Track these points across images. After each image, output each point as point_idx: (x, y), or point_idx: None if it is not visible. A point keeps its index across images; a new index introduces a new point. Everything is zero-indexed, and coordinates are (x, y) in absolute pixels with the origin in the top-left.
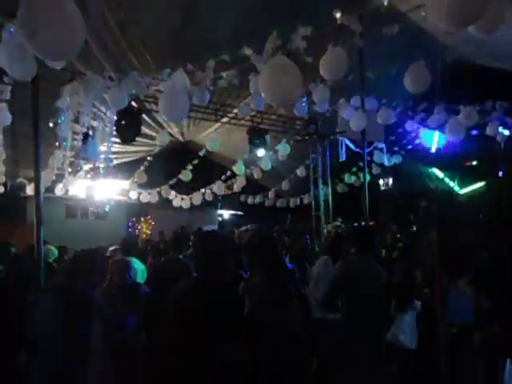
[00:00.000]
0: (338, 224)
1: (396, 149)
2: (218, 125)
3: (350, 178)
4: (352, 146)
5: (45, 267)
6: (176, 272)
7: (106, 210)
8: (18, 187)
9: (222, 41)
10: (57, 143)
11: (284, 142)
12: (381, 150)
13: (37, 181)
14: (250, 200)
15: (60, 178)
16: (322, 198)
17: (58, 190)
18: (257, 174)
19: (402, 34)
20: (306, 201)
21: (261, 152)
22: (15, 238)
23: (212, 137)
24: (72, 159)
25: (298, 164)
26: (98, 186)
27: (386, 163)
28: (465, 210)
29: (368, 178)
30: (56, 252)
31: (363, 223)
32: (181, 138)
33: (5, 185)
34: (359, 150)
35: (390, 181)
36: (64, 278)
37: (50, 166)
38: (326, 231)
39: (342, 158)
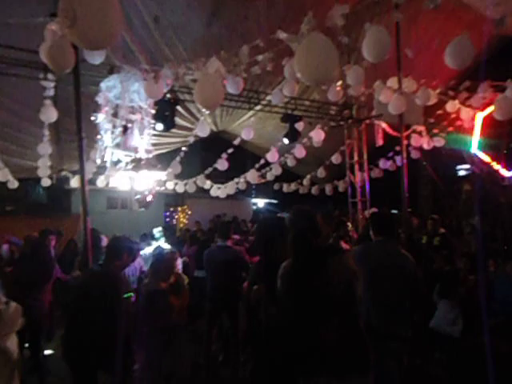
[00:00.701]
0: (376, 211)
1: (436, 131)
2: (251, 113)
3: (386, 164)
4: (389, 130)
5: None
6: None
7: (148, 199)
8: (62, 180)
9: (254, 26)
10: (98, 136)
11: (318, 128)
12: (419, 133)
13: (81, 174)
14: (284, 188)
15: (101, 170)
16: (358, 185)
17: (100, 182)
18: (291, 162)
19: (444, 6)
20: (341, 187)
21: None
22: (61, 227)
23: (245, 125)
24: (112, 152)
25: (332, 150)
26: (140, 177)
27: (426, 147)
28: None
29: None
30: None
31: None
32: (214, 128)
33: (51, 178)
34: (396, 134)
35: (429, 165)
36: None
37: (91, 158)
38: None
39: (379, 142)
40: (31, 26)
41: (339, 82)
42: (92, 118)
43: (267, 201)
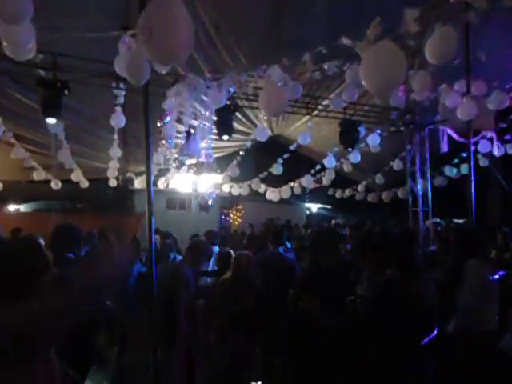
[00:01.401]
0: (438, 221)
1: (508, 137)
2: (306, 118)
3: (451, 171)
4: (455, 136)
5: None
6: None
7: (210, 203)
8: (127, 181)
9: (313, 32)
10: (163, 142)
11: (376, 133)
12: (489, 139)
13: (148, 176)
14: (338, 194)
15: (162, 172)
16: (420, 193)
17: (161, 184)
18: (347, 167)
19: None
20: (401, 195)
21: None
22: (125, 226)
23: (301, 130)
24: (176, 156)
25: (391, 156)
26: (200, 181)
27: (496, 153)
28: None
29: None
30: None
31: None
32: (270, 133)
33: (117, 179)
34: (463, 140)
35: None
36: None
37: (154, 161)
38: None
39: (444, 149)
40: (104, 39)
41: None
42: (158, 125)
43: (321, 206)
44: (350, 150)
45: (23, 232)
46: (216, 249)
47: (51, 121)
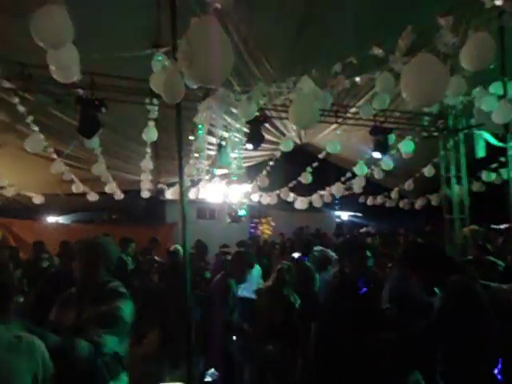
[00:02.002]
0: (476, 229)
1: None
2: (334, 126)
3: (489, 176)
4: (492, 141)
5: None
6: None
7: (240, 214)
8: (159, 192)
9: (341, 41)
10: (196, 154)
11: (408, 139)
12: None
13: (181, 187)
14: (369, 201)
15: (193, 183)
16: (455, 199)
17: (191, 194)
18: (378, 174)
19: None
20: (434, 202)
21: (378, 154)
22: (157, 235)
23: (329, 138)
24: (207, 168)
25: (423, 162)
26: (231, 191)
27: None
28: None
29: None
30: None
31: None
32: (298, 141)
33: (149, 190)
34: (501, 144)
35: None
36: None
37: (186, 173)
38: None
39: (480, 153)
40: (137, 57)
41: None
42: (190, 138)
43: (351, 213)
44: (381, 157)
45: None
46: None
47: (89, 137)
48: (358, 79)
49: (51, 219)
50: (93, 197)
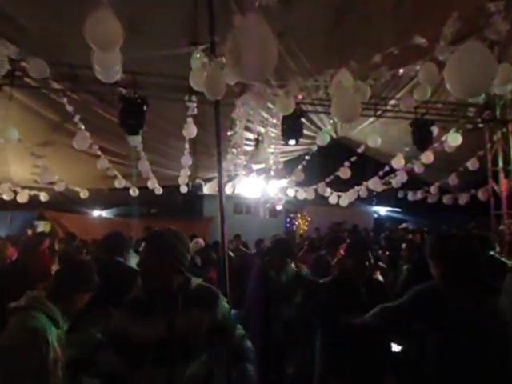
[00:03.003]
0: None
1: None
2: (372, 119)
3: None
4: None
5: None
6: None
7: (278, 208)
8: (196, 187)
9: (379, 31)
10: (233, 150)
11: (453, 131)
12: None
13: (220, 182)
14: (409, 196)
15: (230, 178)
16: (504, 195)
17: (227, 189)
18: (418, 168)
19: None
20: (481, 197)
21: (419, 148)
22: (194, 229)
23: (366, 132)
24: (245, 163)
25: (468, 155)
26: (269, 187)
27: None
28: None
29: None
30: None
31: None
32: (334, 135)
33: (187, 185)
34: None
35: None
36: None
37: (223, 168)
38: None
39: None
40: (176, 55)
41: None
42: (229, 133)
43: (389, 209)
44: (423, 151)
45: None
46: None
47: (133, 134)
48: (401, 71)
49: (96, 213)
50: (134, 191)
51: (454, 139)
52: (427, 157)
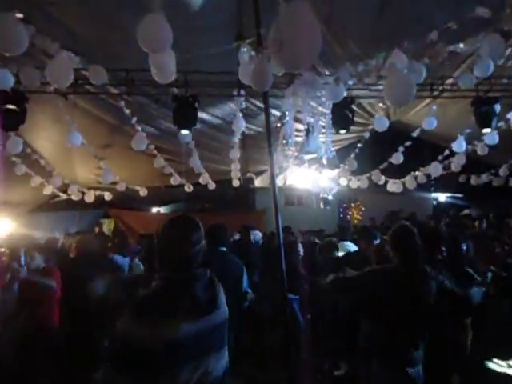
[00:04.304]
0: None
1: None
2: (427, 100)
3: None
4: None
5: None
6: None
7: (329, 197)
8: (248, 181)
9: (431, 7)
10: (284, 141)
11: None
12: None
13: (272, 174)
14: (473, 180)
15: (281, 170)
16: None
17: (279, 181)
18: (481, 150)
19: None
20: None
21: (486, 129)
22: (247, 221)
23: (421, 114)
24: (296, 153)
25: None
26: (321, 177)
27: None
28: None
29: None
30: None
31: None
32: (388, 122)
33: (239, 179)
34: None
35: None
36: None
37: (274, 160)
38: None
39: None
40: (223, 51)
41: None
42: (278, 125)
43: (450, 195)
44: (487, 130)
45: None
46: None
47: (185, 132)
48: (461, 46)
49: (154, 209)
50: (189, 188)
51: None
52: (492, 137)
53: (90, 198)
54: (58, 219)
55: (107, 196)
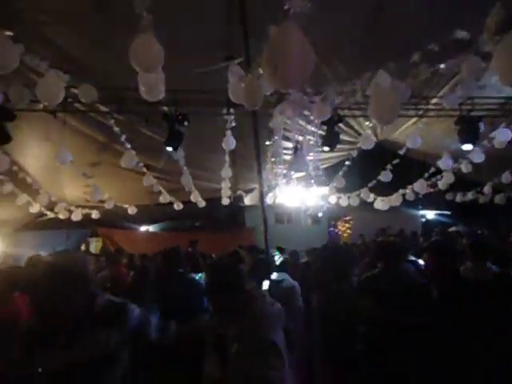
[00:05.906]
0: None
1: None
2: (413, 119)
3: None
4: None
5: None
6: None
7: (319, 215)
8: (237, 198)
9: (416, 28)
10: (272, 159)
11: (502, 127)
12: None
13: (261, 191)
14: (458, 198)
15: (270, 188)
16: None
17: (268, 199)
18: (466, 168)
19: None
20: None
21: (469, 146)
22: (238, 240)
23: (408, 133)
24: (284, 171)
25: None
26: (309, 194)
27: None
28: None
29: None
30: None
31: None
32: (374, 138)
33: (229, 197)
34: None
35: None
36: None
37: (263, 178)
38: None
39: None
40: (211, 70)
41: None
42: (267, 143)
43: (438, 212)
44: (470, 148)
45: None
46: None
47: (175, 150)
48: (442, 66)
49: (143, 228)
50: (178, 206)
51: (504, 136)
52: (477, 155)
53: (77, 216)
54: (45, 238)
55: (95, 214)
